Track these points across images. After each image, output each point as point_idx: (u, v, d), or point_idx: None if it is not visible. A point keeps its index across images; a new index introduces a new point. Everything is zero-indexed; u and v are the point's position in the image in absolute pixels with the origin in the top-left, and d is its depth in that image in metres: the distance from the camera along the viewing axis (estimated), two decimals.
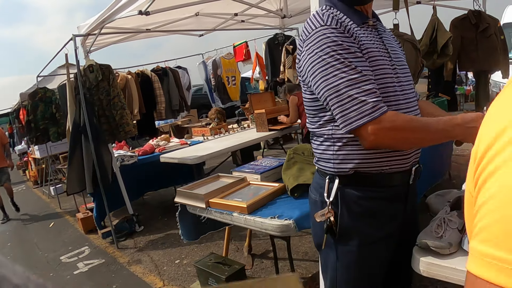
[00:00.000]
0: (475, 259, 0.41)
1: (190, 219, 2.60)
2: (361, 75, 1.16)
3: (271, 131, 4.86)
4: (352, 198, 1.35)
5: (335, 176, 1.36)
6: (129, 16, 3.40)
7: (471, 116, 1.15)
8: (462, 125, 1.15)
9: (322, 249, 1.46)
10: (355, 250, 1.37)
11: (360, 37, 1.26)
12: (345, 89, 1.16)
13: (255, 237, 3.83)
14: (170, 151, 4.78)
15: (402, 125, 1.16)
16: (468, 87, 10.89)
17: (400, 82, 1.33)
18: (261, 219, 1.94)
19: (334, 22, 1.22)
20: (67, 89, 4.22)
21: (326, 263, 1.50)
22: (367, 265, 1.40)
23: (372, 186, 1.34)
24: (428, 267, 1.39)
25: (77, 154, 4.15)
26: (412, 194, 1.46)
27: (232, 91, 7.66)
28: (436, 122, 1.18)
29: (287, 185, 2.23)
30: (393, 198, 1.38)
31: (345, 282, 1.43)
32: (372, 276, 1.44)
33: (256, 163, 2.80)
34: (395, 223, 1.41)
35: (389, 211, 1.38)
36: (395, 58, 1.36)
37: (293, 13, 4.76)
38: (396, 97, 1.29)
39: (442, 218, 1.53)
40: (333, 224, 1.36)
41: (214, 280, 2.44)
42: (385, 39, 1.38)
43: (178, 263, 3.73)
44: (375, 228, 1.37)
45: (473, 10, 4.23)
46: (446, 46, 3.65)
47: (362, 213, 1.36)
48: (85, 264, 4.10)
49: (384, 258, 1.44)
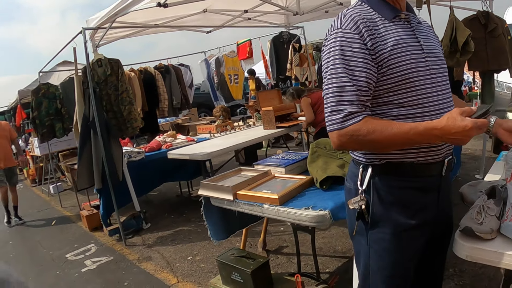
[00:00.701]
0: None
1: (216, 217, 2.57)
2: (350, 84, 1.26)
3: (279, 128, 4.86)
4: (383, 187, 1.39)
5: (368, 165, 1.40)
6: (144, 8, 3.37)
7: (453, 128, 1.16)
8: (441, 136, 1.20)
9: (354, 236, 1.51)
10: (387, 238, 1.40)
11: (389, 32, 1.30)
12: (331, 95, 1.29)
13: (267, 233, 3.81)
14: (178, 147, 4.75)
15: (363, 137, 1.25)
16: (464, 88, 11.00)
17: (431, 74, 1.34)
18: (294, 210, 1.92)
19: (351, 24, 1.28)
20: (75, 84, 4.16)
21: (358, 251, 1.53)
22: (399, 253, 1.42)
23: (403, 176, 1.37)
24: (472, 252, 1.41)
25: (86, 149, 4.10)
26: (445, 186, 1.47)
27: (234, 90, 7.64)
28: (407, 132, 1.22)
29: (315, 177, 2.22)
30: (425, 188, 1.40)
31: (378, 268, 1.45)
32: (404, 264, 1.45)
33: (277, 157, 2.78)
34: (428, 213, 1.42)
35: (421, 201, 1.40)
36: (429, 50, 1.37)
37: (305, 11, 4.76)
38: (424, 87, 1.31)
39: (481, 205, 1.55)
40: (364, 211, 1.40)
41: (238, 274, 2.41)
42: (418, 32, 1.38)
43: (190, 260, 3.69)
44: (406, 217, 1.38)
45: (481, 11, 4.27)
46: (467, 43, 3.69)
47: (393, 202, 1.38)
48: (92, 262, 4.05)
49: (416, 247, 1.45)
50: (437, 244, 1.55)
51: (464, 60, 3.89)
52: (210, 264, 3.52)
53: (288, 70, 5.76)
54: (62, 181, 8.38)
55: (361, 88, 1.26)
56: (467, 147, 6.48)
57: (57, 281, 3.74)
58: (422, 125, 1.21)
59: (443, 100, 1.36)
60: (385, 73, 1.28)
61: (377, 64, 1.28)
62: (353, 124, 1.25)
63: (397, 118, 1.31)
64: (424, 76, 1.32)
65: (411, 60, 1.29)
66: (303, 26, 6.21)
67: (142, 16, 4.35)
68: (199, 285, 3.19)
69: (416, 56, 1.31)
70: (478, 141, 5.99)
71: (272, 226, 4.09)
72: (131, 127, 4.46)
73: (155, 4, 3.12)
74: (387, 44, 1.28)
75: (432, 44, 1.42)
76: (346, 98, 1.26)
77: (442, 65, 1.42)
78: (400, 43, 1.29)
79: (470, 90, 11.01)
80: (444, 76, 1.41)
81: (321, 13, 5.52)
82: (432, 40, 1.44)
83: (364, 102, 1.27)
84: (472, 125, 1.14)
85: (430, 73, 1.34)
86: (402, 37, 1.31)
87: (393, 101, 1.31)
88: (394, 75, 1.28)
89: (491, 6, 4.64)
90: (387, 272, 1.44)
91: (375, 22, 1.31)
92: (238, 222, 2.71)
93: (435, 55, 1.40)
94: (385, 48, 1.28)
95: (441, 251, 1.60)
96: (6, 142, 5.99)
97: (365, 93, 1.27)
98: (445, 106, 1.36)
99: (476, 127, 1.14)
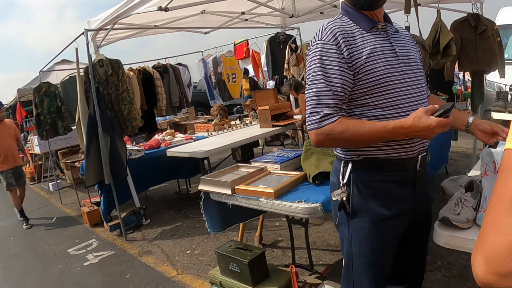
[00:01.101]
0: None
1: (214, 210, 2.71)
2: (327, 90, 1.42)
3: (275, 127, 4.99)
4: (362, 180, 1.55)
5: (349, 161, 1.57)
6: (145, 12, 3.49)
7: (418, 126, 1.31)
8: (407, 134, 1.37)
9: (337, 225, 1.68)
10: (366, 227, 1.56)
11: (365, 41, 1.46)
12: (310, 99, 1.46)
13: (263, 228, 3.95)
14: (176, 145, 4.88)
15: (338, 135, 1.41)
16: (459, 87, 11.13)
17: (405, 79, 1.49)
18: (288, 203, 2.07)
19: (330, 36, 1.45)
20: (78, 83, 4.29)
21: (342, 239, 1.70)
22: (377, 241, 1.58)
23: (380, 170, 1.53)
24: (449, 239, 1.57)
25: (93, 147, 4.22)
26: (421, 179, 1.62)
27: (232, 89, 7.78)
28: (377, 130, 1.38)
29: (308, 173, 2.37)
30: (401, 181, 1.55)
31: (359, 255, 1.61)
32: (383, 251, 1.61)
33: (273, 155, 2.92)
34: (405, 204, 1.57)
35: (397, 193, 1.55)
36: (404, 56, 1.52)
37: (300, 13, 4.89)
38: (397, 90, 1.47)
39: (459, 197, 1.71)
40: (345, 203, 1.57)
41: (236, 264, 2.55)
42: (394, 40, 1.54)
43: (189, 253, 3.83)
44: (384, 207, 1.54)
45: (472, 13, 4.41)
46: (448, 47, 3.82)
47: (371, 194, 1.54)
48: (94, 256, 4.18)
49: (394, 235, 1.61)
50: (415, 233, 1.70)
51: (444, 62, 4.04)
52: (209, 257, 3.66)
53: (285, 70, 5.90)
54: (61, 178, 8.48)
55: (337, 92, 1.42)
56: (460, 145, 6.64)
57: (60, 275, 3.87)
58: (391, 124, 1.37)
59: (417, 102, 1.51)
60: (361, 79, 1.44)
61: (353, 71, 1.43)
62: (329, 124, 1.41)
63: (373, 118, 1.46)
64: (397, 80, 1.47)
65: (385, 66, 1.44)
66: (299, 27, 6.35)
67: (142, 17, 4.47)
68: (198, 277, 3.33)
69: (391, 62, 1.46)
70: (471, 139, 6.14)
71: (268, 222, 4.23)
72: (130, 125, 4.58)
73: (156, 8, 3.25)
74: (363, 53, 1.43)
75: (408, 50, 1.57)
76: (323, 101, 1.42)
77: (418, 70, 1.58)
78: (375, 51, 1.44)
79: (465, 89, 11.17)
80: (419, 79, 1.57)
81: (316, 14, 5.65)
82: (408, 47, 1.59)
83: (339, 105, 1.44)
84: (435, 124, 1.29)
85: (404, 77, 1.49)
86: (378, 45, 1.46)
87: (369, 103, 1.47)
88: (370, 80, 1.43)
89: (481, 8, 4.80)
90: (367, 258, 1.60)
91: (353, 33, 1.47)
92: (235, 216, 2.84)
93: (410, 61, 1.55)
94: (361, 56, 1.43)
95: (420, 239, 1.76)
96: (12, 141, 5.84)
97: (340, 97, 1.43)
98: (418, 107, 1.51)
99: (439, 126, 1.30)
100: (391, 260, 1.66)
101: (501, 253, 0.59)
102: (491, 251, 0.61)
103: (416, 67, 1.57)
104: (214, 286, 2.80)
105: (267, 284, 2.55)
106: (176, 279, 3.36)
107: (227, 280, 2.68)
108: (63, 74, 7.83)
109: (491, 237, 0.62)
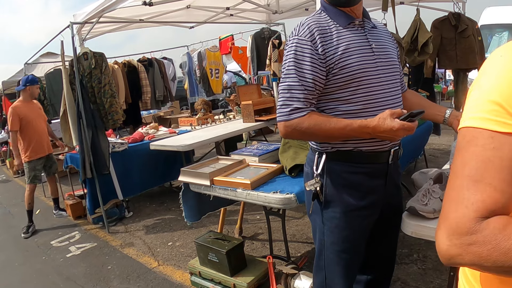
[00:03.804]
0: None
1: (192, 201, 2.76)
2: (299, 84, 1.47)
3: (258, 121, 5.04)
4: (335, 171, 1.61)
5: (323, 152, 1.62)
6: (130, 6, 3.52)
7: (382, 127, 1.38)
8: (372, 134, 1.44)
9: (311, 214, 1.74)
10: (338, 216, 1.63)
11: (341, 37, 1.50)
12: (282, 92, 1.51)
13: (244, 221, 4.02)
14: (160, 139, 4.91)
15: (305, 129, 1.47)
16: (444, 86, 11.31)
17: (379, 74, 1.54)
18: (264, 194, 2.14)
19: (306, 32, 1.49)
20: (63, 76, 4.30)
21: (315, 228, 1.76)
22: (348, 230, 1.64)
23: (353, 162, 1.59)
24: (416, 229, 1.64)
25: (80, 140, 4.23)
26: (392, 172, 1.68)
27: (214, 84, 7.81)
28: (343, 128, 1.45)
29: (285, 166, 2.44)
30: (373, 174, 1.61)
31: (331, 243, 1.68)
32: (354, 240, 1.68)
33: (252, 148, 2.99)
34: (376, 196, 1.64)
35: (369, 185, 1.61)
36: (380, 52, 1.57)
37: (284, 9, 4.95)
38: (371, 85, 1.52)
39: (427, 189, 1.79)
40: (318, 193, 1.62)
41: (215, 254, 2.62)
42: (371, 36, 1.58)
43: (171, 245, 3.88)
44: (356, 198, 1.61)
45: (453, 12, 4.51)
46: (426, 45, 3.92)
47: (344, 185, 1.60)
48: (77, 248, 4.20)
49: (365, 225, 1.68)
50: (386, 224, 1.77)
51: (420, 60, 4.14)
52: (189, 249, 3.72)
53: (267, 66, 5.95)
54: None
55: (308, 87, 1.47)
56: (442, 142, 6.77)
57: (43, 266, 3.89)
58: (357, 122, 1.43)
59: (390, 97, 1.56)
60: (336, 73, 1.48)
61: (327, 66, 1.48)
62: (298, 117, 1.47)
63: (345, 113, 1.51)
64: (372, 75, 1.51)
65: (359, 62, 1.49)
66: (284, 23, 6.41)
67: (127, 11, 4.48)
68: (178, 268, 3.39)
69: (365, 58, 1.51)
70: (452, 136, 6.26)
71: (249, 215, 4.30)
72: (112, 119, 4.57)
73: (140, 2, 3.28)
74: (338, 48, 1.48)
75: (385, 46, 1.61)
76: (295, 95, 1.48)
77: (393, 66, 1.62)
78: (350, 47, 1.49)
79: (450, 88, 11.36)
80: (394, 75, 1.62)
81: (301, 10, 5.72)
82: (385, 43, 1.63)
83: (310, 100, 1.49)
84: (398, 126, 1.35)
85: (378, 73, 1.53)
86: (353, 41, 1.51)
87: (342, 98, 1.51)
88: (344, 74, 1.48)
89: (463, 8, 4.90)
90: (338, 247, 1.66)
91: (330, 29, 1.51)
92: (210, 205, 2.90)
93: (386, 57, 1.59)
94: (336, 52, 1.47)
95: (390, 231, 1.83)
96: (45, 125, 5.17)
97: (311, 92, 1.48)
98: (392, 102, 1.57)
99: (402, 129, 1.36)
100: (362, 250, 1.73)
101: (463, 225, 0.64)
102: (453, 224, 0.65)
103: (392, 63, 1.61)
104: (193, 276, 2.86)
105: (245, 274, 2.63)
106: (157, 270, 3.41)
107: (206, 270, 2.74)
108: (48, 66, 7.78)
109: (453, 211, 0.66)
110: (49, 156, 5.18)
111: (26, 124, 4.83)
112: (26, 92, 4.87)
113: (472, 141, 0.67)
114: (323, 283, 1.74)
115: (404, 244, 3.24)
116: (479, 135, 0.65)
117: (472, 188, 0.65)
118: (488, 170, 0.64)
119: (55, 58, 8.07)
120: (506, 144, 0.63)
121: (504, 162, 0.63)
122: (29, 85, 4.85)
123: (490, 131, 0.64)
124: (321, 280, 1.75)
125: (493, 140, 0.64)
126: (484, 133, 0.65)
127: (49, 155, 5.18)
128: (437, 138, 5.79)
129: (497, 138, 0.63)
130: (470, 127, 0.67)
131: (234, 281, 2.57)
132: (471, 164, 0.66)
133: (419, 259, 3.07)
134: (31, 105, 4.98)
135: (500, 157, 0.63)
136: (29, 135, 4.86)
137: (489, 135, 0.64)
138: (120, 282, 3.31)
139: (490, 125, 0.64)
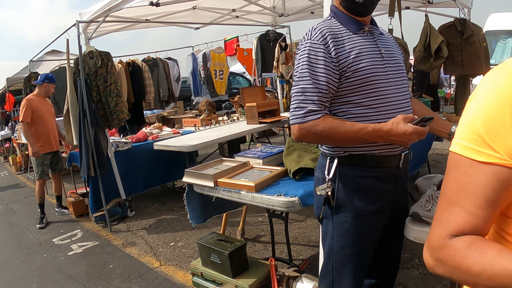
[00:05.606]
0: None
1: (196, 202, 2.76)
2: (313, 87, 1.48)
3: (261, 123, 5.05)
4: (347, 176, 1.62)
5: (335, 157, 1.63)
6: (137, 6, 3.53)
7: (396, 131, 1.40)
8: (385, 137, 1.45)
9: (321, 219, 1.74)
10: (349, 221, 1.63)
11: (353, 42, 1.53)
12: (296, 94, 1.51)
13: (246, 223, 4.02)
14: (163, 139, 4.92)
15: (320, 132, 1.47)
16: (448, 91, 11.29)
17: (389, 79, 1.57)
18: (268, 196, 2.14)
19: (319, 36, 1.51)
20: (67, 74, 4.31)
21: (325, 232, 1.76)
22: (358, 235, 1.65)
23: (365, 166, 1.60)
24: (419, 234, 1.66)
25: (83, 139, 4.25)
26: (402, 176, 1.70)
27: (218, 85, 7.82)
28: (357, 131, 1.46)
29: (289, 169, 2.44)
30: (384, 178, 1.62)
31: (340, 248, 1.68)
32: (363, 244, 1.68)
33: (256, 150, 2.99)
34: (386, 200, 1.65)
35: (379, 189, 1.62)
36: (389, 57, 1.60)
37: (290, 12, 4.96)
38: (382, 89, 1.53)
39: (430, 195, 1.80)
40: (330, 197, 1.63)
41: (217, 255, 2.62)
42: (380, 42, 1.61)
43: (173, 245, 3.89)
44: (367, 203, 1.61)
45: (459, 18, 4.51)
46: (439, 49, 3.92)
47: (355, 189, 1.61)
48: (79, 246, 4.21)
49: (374, 230, 1.69)
50: (394, 229, 1.77)
51: (437, 65, 4.14)
52: (191, 249, 3.73)
53: (274, 68, 5.96)
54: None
55: (322, 90, 1.48)
56: (444, 148, 6.76)
57: (44, 264, 3.90)
58: (371, 126, 1.44)
59: (400, 101, 1.58)
60: (349, 77, 1.50)
61: (340, 70, 1.49)
62: (313, 120, 1.47)
63: (357, 116, 1.53)
64: (382, 80, 1.53)
65: (371, 66, 1.51)
66: (289, 26, 6.42)
67: (133, 11, 4.49)
68: (180, 268, 3.39)
69: (376, 62, 1.53)
70: None
71: (251, 217, 4.31)
72: (117, 118, 4.59)
73: (147, 3, 3.29)
74: (351, 53, 1.50)
75: (393, 52, 1.64)
76: (309, 97, 1.48)
77: (401, 71, 1.64)
78: (362, 51, 1.51)
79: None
80: (402, 80, 1.64)
81: (307, 14, 5.73)
82: (393, 49, 1.66)
83: (324, 103, 1.50)
84: (412, 130, 1.37)
85: (388, 77, 1.56)
86: (365, 46, 1.53)
87: (354, 101, 1.53)
88: (357, 77, 1.50)
89: (469, 14, 4.90)
90: (347, 251, 1.66)
91: (342, 34, 1.53)
92: (215, 208, 2.90)
93: (395, 62, 1.62)
94: (349, 56, 1.49)
95: (397, 236, 1.83)
96: (54, 122, 5.24)
97: (325, 95, 1.49)
98: (402, 107, 1.58)
99: (415, 133, 1.38)
100: (370, 255, 1.73)
101: (436, 242, 0.75)
102: (431, 239, 0.77)
103: (400, 68, 1.64)
104: (195, 277, 2.86)
105: (247, 276, 2.63)
106: (158, 270, 3.42)
107: (208, 271, 2.74)
108: (53, 64, 7.82)
109: (434, 228, 0.77)
110: (56, 152, 5.25)
111: (37, 117, 4.93)
112: (42, 87, 5.02)
113: (455, 167, 0.75)
114: (330, 287, 1.74)
115: (406, 248, 3.23)
116: (461, 162, 0.73)
117: (450, 210, 0.74)
118: (464, 195, 0.72)
119: (60, 56, 8.08)
120: (481, 173, 0.70)
121: (478, 188, 0.70)
122: (47, 82, 5.01)
123: (470, 159, 0.71)
124: (327, 284, 1.75)
125: (471, 168, 0.71)
126: (464, 161, 0.72)
127: (56, 151, 5.25)
128: (440, 143, 5.79)
129: (475, 166, 0.70)
130: (455, 153, 0.74)
131: (236, 282, 2.58)
132: (452, 187, 0.75)
133: (420, 264, 3.07)
134: (44, 101, 5.12)
135: (474, 184, 0.71)
136: (39, 129, 4.96)
137: (469, 163, 0.71)
138: (121, 281, 3.32)
139: (469, 154, 0.71)
